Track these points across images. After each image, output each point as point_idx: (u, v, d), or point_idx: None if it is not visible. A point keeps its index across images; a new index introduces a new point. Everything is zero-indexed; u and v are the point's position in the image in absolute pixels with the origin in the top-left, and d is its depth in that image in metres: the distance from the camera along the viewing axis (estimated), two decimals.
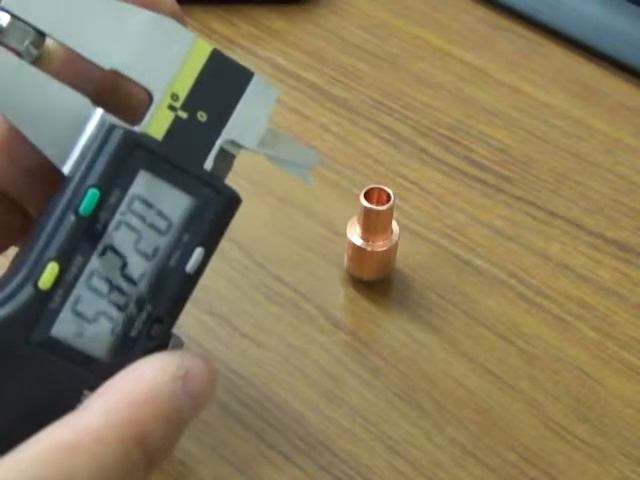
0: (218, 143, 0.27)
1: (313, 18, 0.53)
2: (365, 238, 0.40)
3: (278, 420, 0.37)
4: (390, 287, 0.41)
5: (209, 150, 0.27)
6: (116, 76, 0.28)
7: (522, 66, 0.51)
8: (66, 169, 0.26)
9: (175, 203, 0.26)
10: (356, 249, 0.40)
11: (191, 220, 0.26)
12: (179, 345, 0.27)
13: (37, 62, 0.27)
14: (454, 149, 0.47)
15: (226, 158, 0.28)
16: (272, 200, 0.44)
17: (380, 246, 0.40)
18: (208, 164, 0.27)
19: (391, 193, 0.39)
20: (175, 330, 0.27)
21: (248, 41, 0.51)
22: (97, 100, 0.27)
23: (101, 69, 0.27)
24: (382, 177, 0.45)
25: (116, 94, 0.29)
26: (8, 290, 0.25)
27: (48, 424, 0.23)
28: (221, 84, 0.27)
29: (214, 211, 0.27)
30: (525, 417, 0.37)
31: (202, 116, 0.27)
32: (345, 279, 0.41)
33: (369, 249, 0.40)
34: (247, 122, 0.28)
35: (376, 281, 0.41)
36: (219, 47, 0.28)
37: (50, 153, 0.26)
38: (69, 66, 0.28)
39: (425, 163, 0.46)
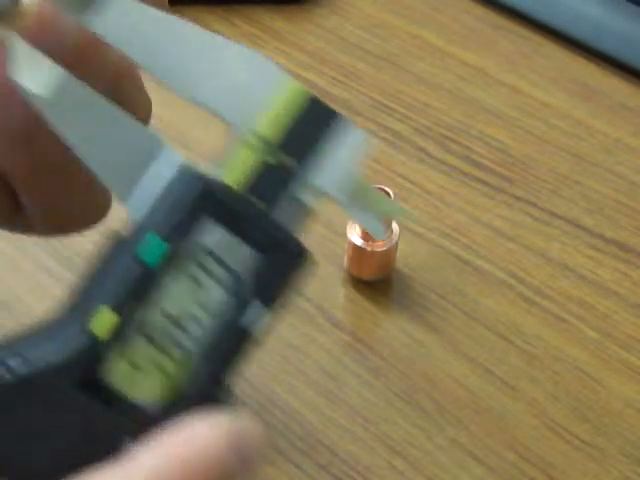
0: (300, 189, 0.26)
1: (313, 18, 0.53)
2: (365, 238, 0.40)
3: (278, 420, 0.37)
4: (390, 287, 0.41)
5: (287, 196, 0.26)
6: (91, 45, 0.27)
7: (522, 66, 0.51)
8: (132, 210, 0.25)
9: (243, 257, 0.25)
10: (356, 249, 0.40)
11: (257, 276, 0.25)
12: (232, 402, 0.26)
13: (6, 18, 0.25)
14: (454, 149, 0.47)
15: (302, 208, 0.27)
16: None
17: (380, 246, 0.40)
18: (284, 213, 0.26)
19: (391, 193, 0.39)
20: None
21: (248, 41, 0.51)
22: (70, 68, 0.26)
23: (190, 100, 0.26)
24: (382, 177, 0.45)
25: (90, 64, 0.27)
26: (62, 333, 0.24)
27: (85, 465, 0.23)
28: (310, 128, 0.26)
29: (282, 269, 0.26)
30: (525, 417, 0.37)
31: (286, 159, 0.26)
32: (345, 279, 0.41)
33: (369, 249, 0.40)
34: (333, 169, 0.27)
35: (376, 281, 0.41)
36: None
37: (114, 187, 0.25)
38: (41, 28, 0.27)
39: (425, 163, 0.46)
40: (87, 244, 0.42)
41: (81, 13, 0.25)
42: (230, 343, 0.25)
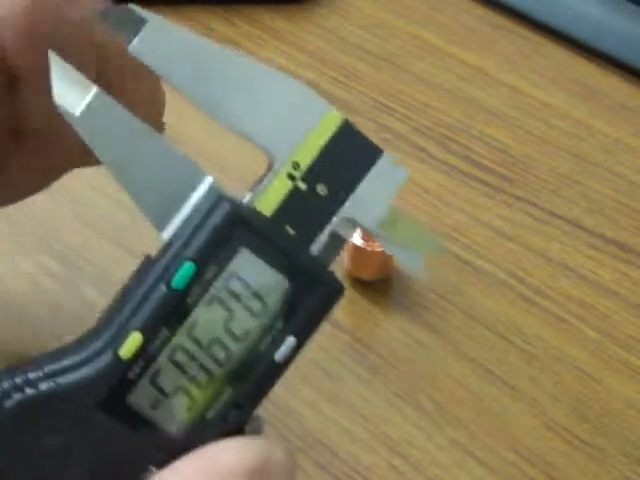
0: (334, 220, 0.26)
1: (313, 18, 0.53)
2: (365, 238, 0.40)
3: (277, 419, 0.37)
4: (390, 287, 0.41)
5: (322, 227, 0.26)
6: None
7: (522, 66, 0.51)
8: (166, 234, 0.25)
9: (274, 286, 0.25)
10: (356, 249, 0.40)
11: (288, 306, 0.25)
12: (258, 428, 0.26)
13: None
14: (454, 149, 0.47)
15: (337, 240, 0.26)
16: None
17: (380, 246, 0.40)
18: (318, 244, 0.26)
19: None
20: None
21: (248, 41, 0.51)
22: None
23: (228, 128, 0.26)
24: None
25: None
26: (88, 352, 0.24)
27: None
28: (347, 158, 0.26)
29: (314, 301, 0.25)
30: (525, 417, 0.37)
31: (322, 189, 0.26)
32: (345, 279, 0.41)
33: (369, 249, 0.40)
34: (369, 201, 0.26)
35: (376, 281, 0.41)
36: None
37: (152, 216, 0.25)
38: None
39: (425, 163, 0.46)
40: (93, 249, 0.41)
41: (127, 39, 0.25)
42: (257, 371, 0.25)
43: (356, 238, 0.40)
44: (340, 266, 0.41)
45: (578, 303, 0.41)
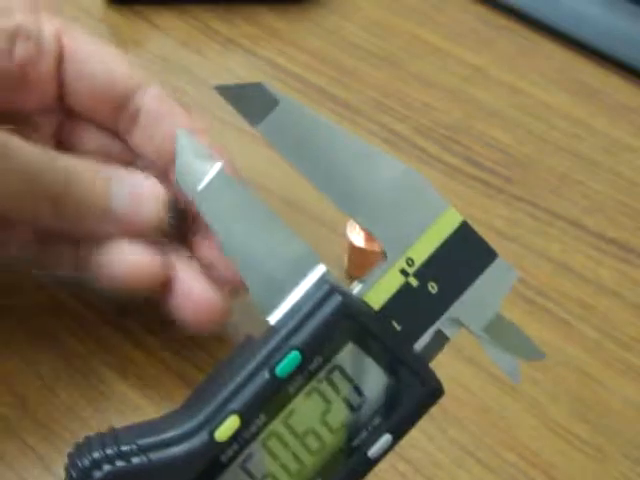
0: (441, 319, 0.26)
1: (313, 18, 0.53)
2: (365, 238, 0.40)
3: None
4: None
5: (428, 325, 0.26)
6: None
7: (522, 66, 0.51)
8: (272, 319, 0.25)
9: (375, 382, 0.25)
10: (356, 249, 0.40)
11: (387, 404, 0.25)
12: None
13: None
14: (454, 149, 0.47)
15: (440, 339, 0.26)
16: (272, 200, 0.44)
17: (380, 246, 0.39)
18: (422, 341, 0.26)
19: None
20: None
21: (248, 41, 0.51)
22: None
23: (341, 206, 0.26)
24: None
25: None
26: (183, 430, 0.24)
27: None
28: (461, 258, 0.26)
29: (413, 401, 0.25)
30: (525, 417, 0.37)
31: (432, 287, 0.26)
32: (345, 279, 0.41)
33: (369, 249, 0.40)
34: (478, 303, 0.26)
35: None
36: (219, 47, 0.27)
37: (258, 297, 0.25)
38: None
39: (425, 163, 0.46)
40: None
41: (252, 118, 0.25)
42: (349, 465, 0.25)
43: (356, 238, 0.40)
44: (340, 266, 0.41)
45: (578, 303, 0.41)
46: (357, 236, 0.40)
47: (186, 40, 0.50)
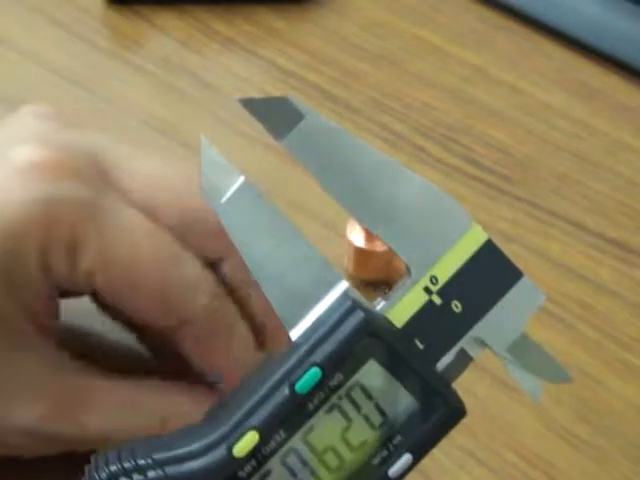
0: (464, 339, 0.26)
1: (313, 18, 0.53)
2: (365, 238, 0.40)
3: None
4: (390, 287, 0.41)
5: (451, 345, 0.26)
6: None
7: (522, 66, 0.51)
8: (294, 334, 0.25)
9: (396, 401, 0.25)
10: (356, 249, 0.40)
11: (408, 423, 0.25)
12: None
13: None
14: (454, 149, 0.47)
15: (464, 359, 0.26)
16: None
17: (380, 246, 0.40)
18: (445, 361, 0.26)
19: None
20: None
21: (248, 41, 0.51)
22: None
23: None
24: None
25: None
26: (200, 445, 0.24)
27: None
28: (485, 277, 0.26)
29: (435, 421, 0.25)
30: (526, 418, 0.37)
31: (456, 306, 0.25)
32: (345, 279, 0.41)
33: (369, 249, 0.39)
34: (503, 323, 0.26)
35: (376, 281, 0.41)
36: (219, 47, 0.27)
37: (281, 312, 0.25)
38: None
39: (425, 163, 0.46)
40: None
41: (277, 132, 0.25)
42: None
43: (356, 238, 0.40)
44: (340, 266, 0.41)
45: (578, 303, 0.41)
46: (357, 236, 0.40)
47: (186, 40, 0.50)
